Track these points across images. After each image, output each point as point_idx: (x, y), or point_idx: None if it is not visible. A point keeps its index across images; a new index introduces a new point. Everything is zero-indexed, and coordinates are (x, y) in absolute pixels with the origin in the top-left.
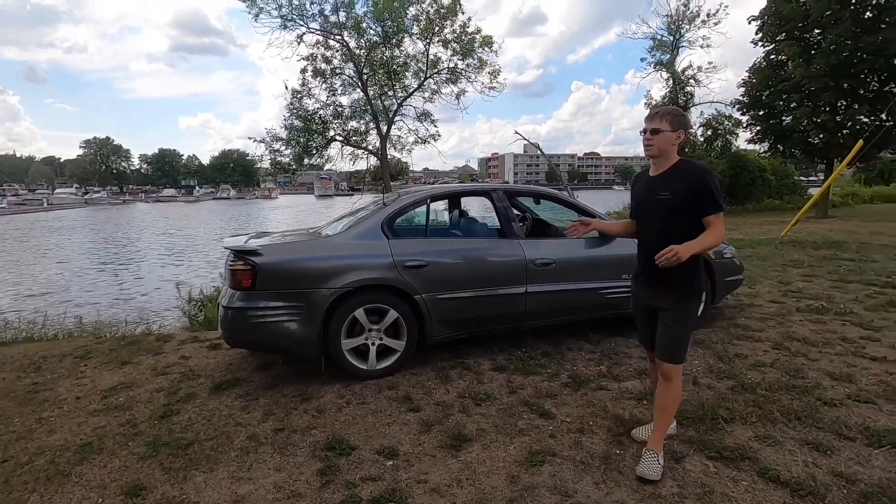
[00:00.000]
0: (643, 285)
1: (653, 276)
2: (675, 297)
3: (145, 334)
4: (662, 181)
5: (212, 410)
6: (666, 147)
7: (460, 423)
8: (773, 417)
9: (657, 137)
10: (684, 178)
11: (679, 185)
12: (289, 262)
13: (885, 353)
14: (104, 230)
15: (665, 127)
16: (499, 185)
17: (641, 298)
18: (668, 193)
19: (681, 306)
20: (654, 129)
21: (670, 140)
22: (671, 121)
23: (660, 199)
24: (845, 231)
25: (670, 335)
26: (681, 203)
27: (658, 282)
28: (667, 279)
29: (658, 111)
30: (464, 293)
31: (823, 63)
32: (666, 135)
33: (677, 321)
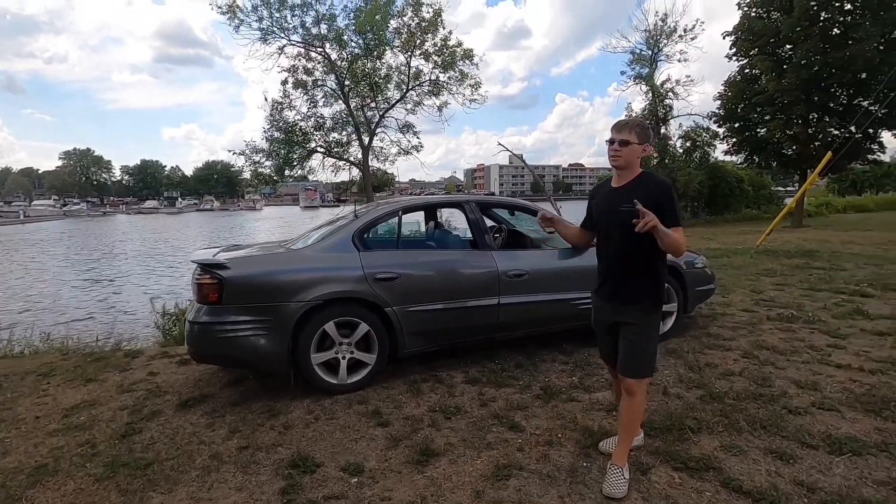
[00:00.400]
0: (605, 299)
1: (615, 289)
2: (638, 311)
3: (114, 350)
4: (626, 193)
5: (175, 428)
6: (632, 159)
7: (429, 437)
8: (740, 427)
9: (626, 149)
10: (647, 190)
11: (642, 197)
12: (256, 276)
13: (850, 361)
14: (81, 243)
15: (633, 139)
16: (472, 197)
17: (603, 313)
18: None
19: (644, 320)
20: (623, 140)
21: (637, 152)
22: (639, 133)
23: (623, 211)
24: (818, 240)
25: (634, 350)
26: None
27: (620, 295)
28: (630, 292)
29: (627, 123)
30: (436, 305)
31: (794, 77)
32: (633, 147)
33: (641, 336)
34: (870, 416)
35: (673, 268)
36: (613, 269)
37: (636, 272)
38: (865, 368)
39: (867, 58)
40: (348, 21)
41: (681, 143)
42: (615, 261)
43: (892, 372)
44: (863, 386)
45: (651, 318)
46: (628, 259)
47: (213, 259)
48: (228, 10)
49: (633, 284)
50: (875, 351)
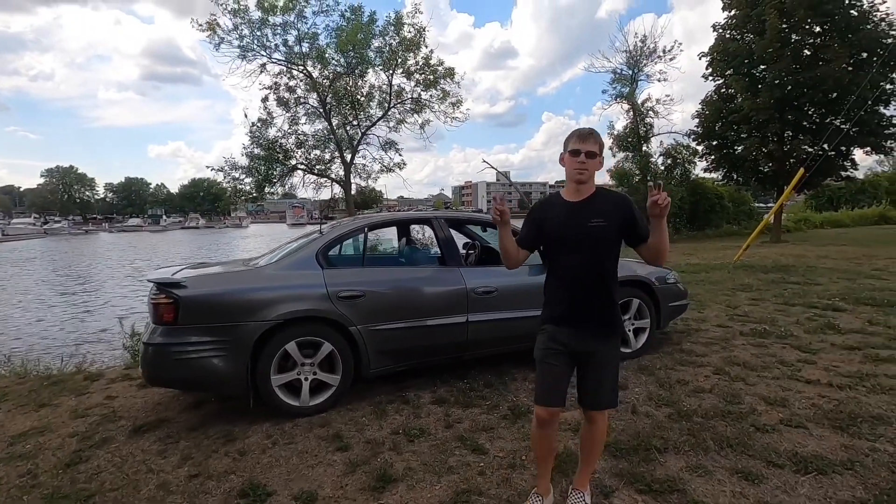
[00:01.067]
0: (570, 327)
1: (584, 316)
2: (609, 339)
3: (73, 373)
4: (591, 208)
5: (125, 456)
6: (594, 172)
7: (388, 462)
8: (706, 446)
9: (592, 162)
10: (613, 205)
11: (611, 211)
12: (214, 295)
13: (819, 376)
14: (58, 261)
15: (598, 150)
16: (440, 213)
17: (565, 343)
18: (603, 220)
19: (613, 348)
20: (590, 151)
21: (598, 165)
22: (601, 145)
23: (592, 227)
24: (795, 255)
25: (604, 381)
26: (614, 231)
27: (591, 322)
28: (601, 319)
29: (591, 133)
30: (402, 324)
31: (768, 96)
32: (597, 159)
33: (611, 365)
34: (837, 432)
35: (645, 284)
36: (579, 292)
37: (604, 295)
38: (834, 384)
39: (837, 78)
40: (330, 40)
41: (662, 161)
42: (581, 283)
43: (860, 387)
44: (831, 401)
45: (618, 344)
46: (597, 281)
47: (168, 278)
48: (209, 28)
49: (602, 309)
50: (844, 366)
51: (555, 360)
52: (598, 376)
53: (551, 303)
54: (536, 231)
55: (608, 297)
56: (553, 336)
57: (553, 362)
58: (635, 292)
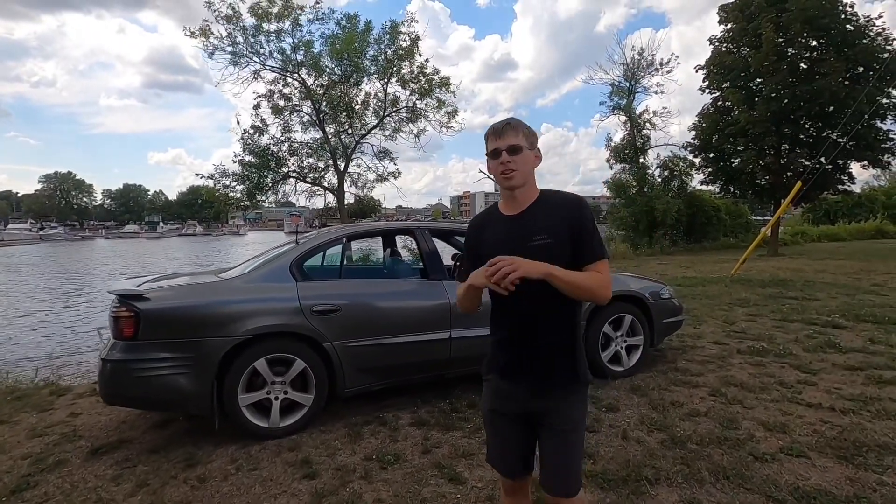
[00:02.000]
0: (513, 379)
1: (530, 363)
2: (567, 394)
3: (40, 387)
4: (532, 221)
5: (77, 482)
6: (528, 171)
7: (357, 492)
8: (701, 477)
9: (518, 158)
10: (558, 213)
11: (555, 223)
12: (177, 308)
13: (821, 399)
14: (51, 267)
15: (523, 142)
16: (424, 223)
17: (511, 400)
18: (546, 236)
19: (575, 405)
20: (512, 146)
21: (530, 161)
22: (527, 134)
23: (535, 247)
24: (792, 269)
25: (567, 452)
26: (565, 247)
27: (539, 372)
28: (551, 366)
29: (508, 123)
30: (380, 340)
31: (764, 109)
32: (526, 154)
33: (573, 431)
34: (841, 463)
35: (638, 299)
36: (527, 335)
37: (559, 336)
38: (837, 408)
39: (833, 91)
40: (324, 47)
41: (659, 173)
42: (528, 323)
43: (864, 412)
44: (834, 428)
45: (582, 400)
46: (549, 318)
47: (130, 290)
48: (201, 34)
49: (554, 354)
50: (847, 388)
51: (501, 424)
52: (554, 446)
53: (494, 347)
54: (476, 261)
55: (566, 338)
56: (497, 391)
57: (500, 426)
58: (628, 308)
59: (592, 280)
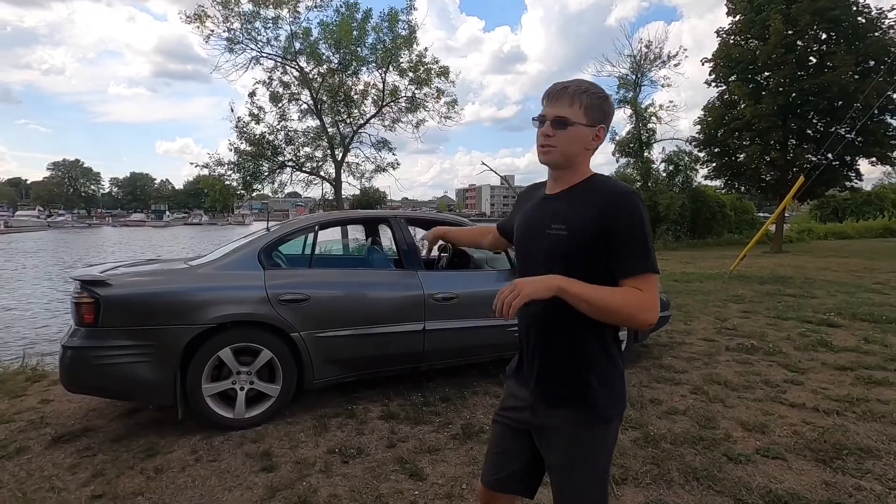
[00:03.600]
0: (523, 385)
1: (536, 372)
2: (575, 413)
3: (17, 372)
4: (560, 206)
5: (34, 470)
6: (574, 151)
7: (314, 486)
8: (671, 478)
9: (563, 134)
10: (593, 204)
11: (582, 214)
12: (139, 295)
13: (805, 399)
14: (58, 253)
15: (578, 117)
16: (399, 212)
17: (516, 409)
18: (564, 227)
19: (585, 427)
20: (559, 118)
21: (584, 139)
22: (588, 106)
23: (548, 235)
24: (794, 266)
25: (575, 490)
26: (581, 245)
27: (546, 384)
28: (562, 381)
29: (568, 88)
30: (350, 331)
31: (771, 103)
32: (578, 131)
33: (584, 460)
34: (818, 466)
35: None
36: (533, 336)
37: (569, 345)
38: (821, 408)
39: (842, 85)
40: (321, 35)
41: (664, 167)
42: (535, 321)
43: (849, 413)
44: (815, 429)
45: (596, 436)
46: (557, 321)
47: (91, 275)
48: (196, 19)
49: (564, 366)
50: (834, 388)
51: (502, 433)
52: (564, 473)
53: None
54: (508, 227)
55: (576, 350)
56: (508, 398)
57: (500, 434)
58: None
59: (624, 299)
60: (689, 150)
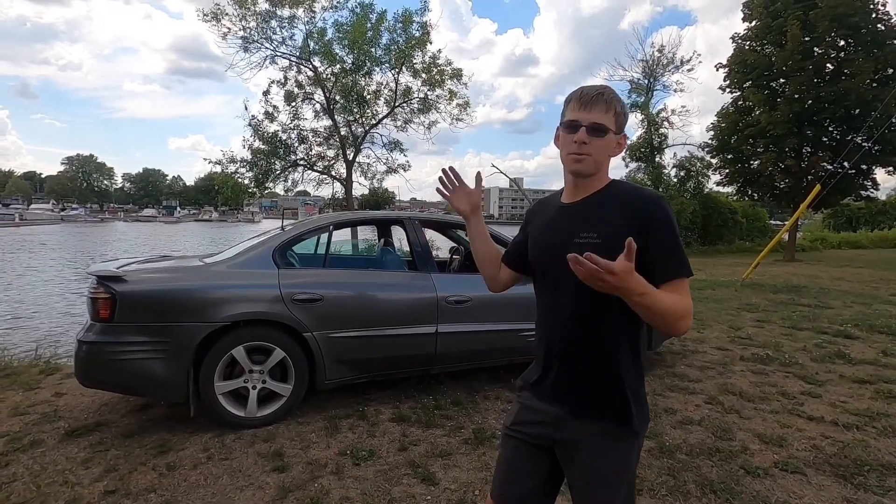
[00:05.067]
0: (539, 397)
1: (559, 382)
2: (606, 431)
3: (30, 365)
4: (585, 214)
5: (47, 463)
6: (603, 160)
7: (325, 489)
8: (687, 490)
9: (599, 142)
10: (623, 211)
11: (614, 222)
12: (155, 292)
13: (824, 413)
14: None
15: (611, 124)
16: (414, 214)
17: (532, 422)
18: (596, 235)
19: (616, 445)
20: (596, 125)
21: (611, 148)
22: (619, 114)
23: (578, 245)
24: (808, 275)
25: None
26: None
27: (577, 400)
28: (591, 394)
29: (604, 94)
30: (363, 332)
31: (787, 110)
32: (610, 139)
33: (611, 477)
34: (839, 482)
35: None
36: (561, 349)
37: (602, 360)
38: (840, 422)
39: (860, 93)
40: (336, 35)
41: (675, 173)
42: (565, 335)
43: (869, 428)
44: (835, 444)
45: (625, 449)
46: (589, 336)
47: (108, 270)
48: (213, 17)
49: (592, 379)
50: (853, 402)
51: (515, 447)
52: (591, 489)
53: (535, 357)
54: (520, 245)
55: (614, 365)
56: (524, 409)
57: (513, 449)
58: None
59: (674, 304)
60: (702, 156)
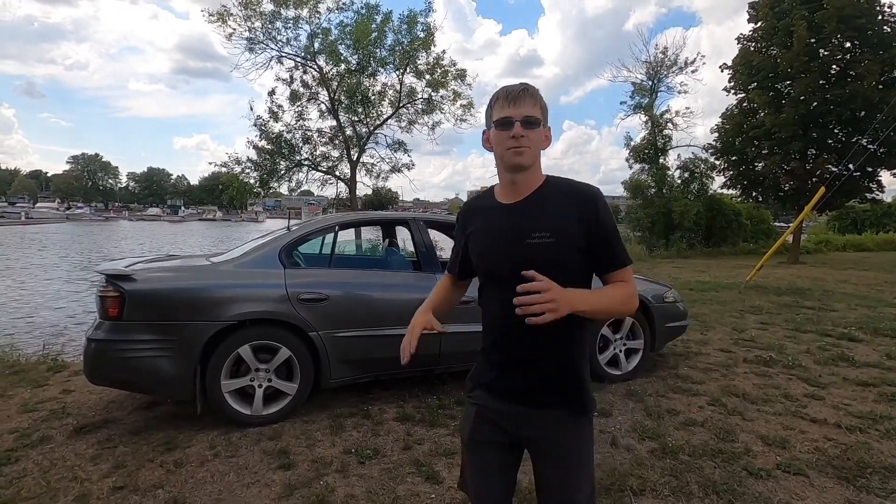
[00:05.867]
0: (501, 397)
1: (521, 381)
2: (562, 421)
3: (38, 362)
4: (533, 214)
5: (56, 459)
6: (538, 152)
7: (331, 486)
8: (689, 491)
9: (533, 134)
10: (568, 208)
11: (563, 219)
12: (163, 290)
13: (827, 415)
14: (74, 244)
15: (539, 114)
16: (419, 214)
17: (496, 427)
18: (549, 234)
19: (577, 435)
20: (528, 118)
21: (542, 140)
22: (543, 107)
23: (532, 245)
24: (812, 278)
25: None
26: (570, 250)
27: (531, 391)
28: (545, 386)
29: (528, 89)
30: (368, 332)
31: (792, 112)
32: (541, 130)
33: (571, 464)
34: (841, 484)
35: (640, 301)
36: (519, 349)
37: (560, 353)
38: (843, 425)
39: (866, 95)
40: (342, 36)
41: (679, 174)
42: (522, 336)
43: (873, 430)
44: (838, 446)
45: (583, 431)
46: (542, 334)
47: (117, 269)
48: (219, 18)
49: (549, 372)
50: (856, 404)
51: (485, 454)
52: (559, 474)
53: (483, 358)
54: (462, 251)
55: (567, 356)
56: (482, 412)
57: (483, 456)
58: None
59: (619, 296)
60: (705, 158)
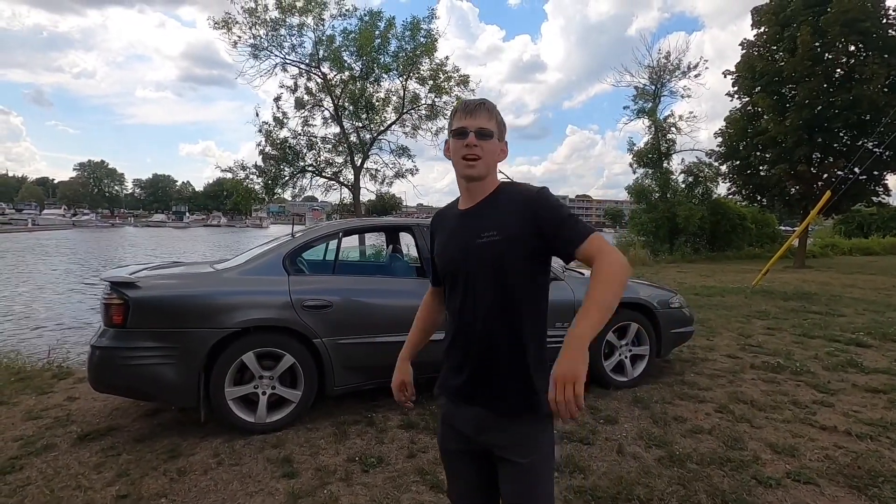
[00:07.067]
0: (462, 400)
1: (478, 385)
2: (523, 427)
3: (43, 369)
4: (482, 216)
5: (61, 467)
6: (492, 163)
7: (335, 495)
8: (698, 499)
9: (486, 145)
10: (512, 208)
11: (507, 218)
12: (167, 298)
13: (836, 422)
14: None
15: (494, 128)
16: (423, 221)
17: (460, 428)
18: (495, 233)
19: (533, 442)
20: (482, 129)
21: (497, 153)
22: (500, 122)
23: (482, 244)
24: (819, 282)
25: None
26: (518, 246)
27: (489, 397)
28: (503, 391)
29: (484, 103)
30: (372, 338)
31: (797, 117)
32: (494, 144)
33: (530, 472)
34: (853, 493)
35: (645, 307)
36: (473, 350)
37: (514, 353)
38: (853, 432)
39: (871, 99)
40: (346, 43)
41: (683, 178)
42: (475, 336)
43: (883, 438)
44: (848, 454)
45: (544, 436)
46: (500, 331)
47: (122, 277)
48: (224, 26)
49: (506, 375)
50: (866, 411)
51: (459, 463)
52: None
53: (445, 363)
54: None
55: (522, 357)
56: (446, 418)
57: (458, 466)
58: (634, 315)
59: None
60: (709, 162)
